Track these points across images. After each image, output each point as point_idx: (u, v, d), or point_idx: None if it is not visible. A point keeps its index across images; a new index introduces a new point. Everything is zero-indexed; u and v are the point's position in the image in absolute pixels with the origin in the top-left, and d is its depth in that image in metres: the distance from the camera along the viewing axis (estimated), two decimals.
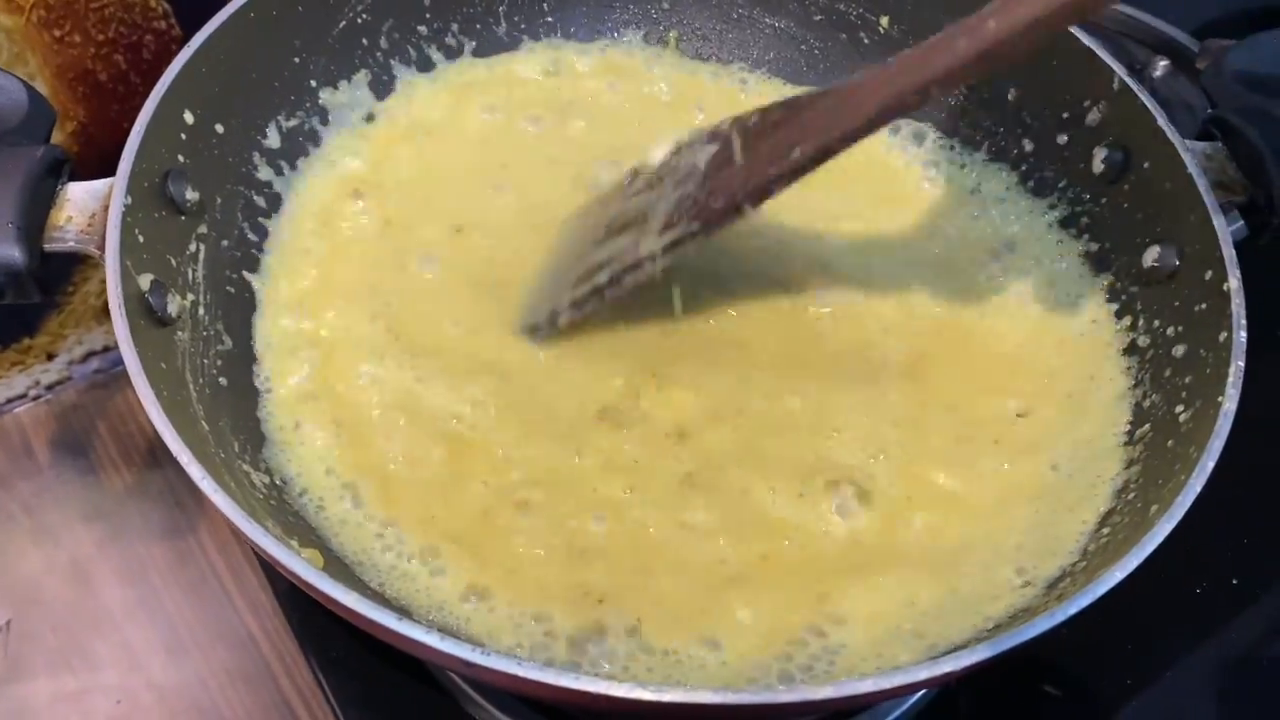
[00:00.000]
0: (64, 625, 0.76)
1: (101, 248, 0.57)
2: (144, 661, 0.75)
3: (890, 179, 0.79)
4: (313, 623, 0.70)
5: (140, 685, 0.74)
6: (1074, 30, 0.71)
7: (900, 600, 0.58)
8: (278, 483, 0.61)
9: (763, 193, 0.60)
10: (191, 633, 0.76)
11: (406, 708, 0.68)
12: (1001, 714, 0.70)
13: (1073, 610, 0.49)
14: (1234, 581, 0.74)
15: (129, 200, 0.58)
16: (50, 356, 0.87)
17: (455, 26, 0.81)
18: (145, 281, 0.58)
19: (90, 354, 0.88)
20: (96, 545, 0.80)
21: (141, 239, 0.59)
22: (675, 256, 0.62)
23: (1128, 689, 0.70)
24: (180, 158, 0.64)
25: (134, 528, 0.80)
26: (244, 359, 0.66)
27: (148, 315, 0.58)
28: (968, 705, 0.70)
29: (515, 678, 0.46)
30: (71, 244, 0.58)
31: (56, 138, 0.84)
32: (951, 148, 0.80)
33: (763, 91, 0.84)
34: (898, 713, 0.68)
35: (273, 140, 0.73)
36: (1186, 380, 0.61)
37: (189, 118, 0.65)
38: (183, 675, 0.74)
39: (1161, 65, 0.96)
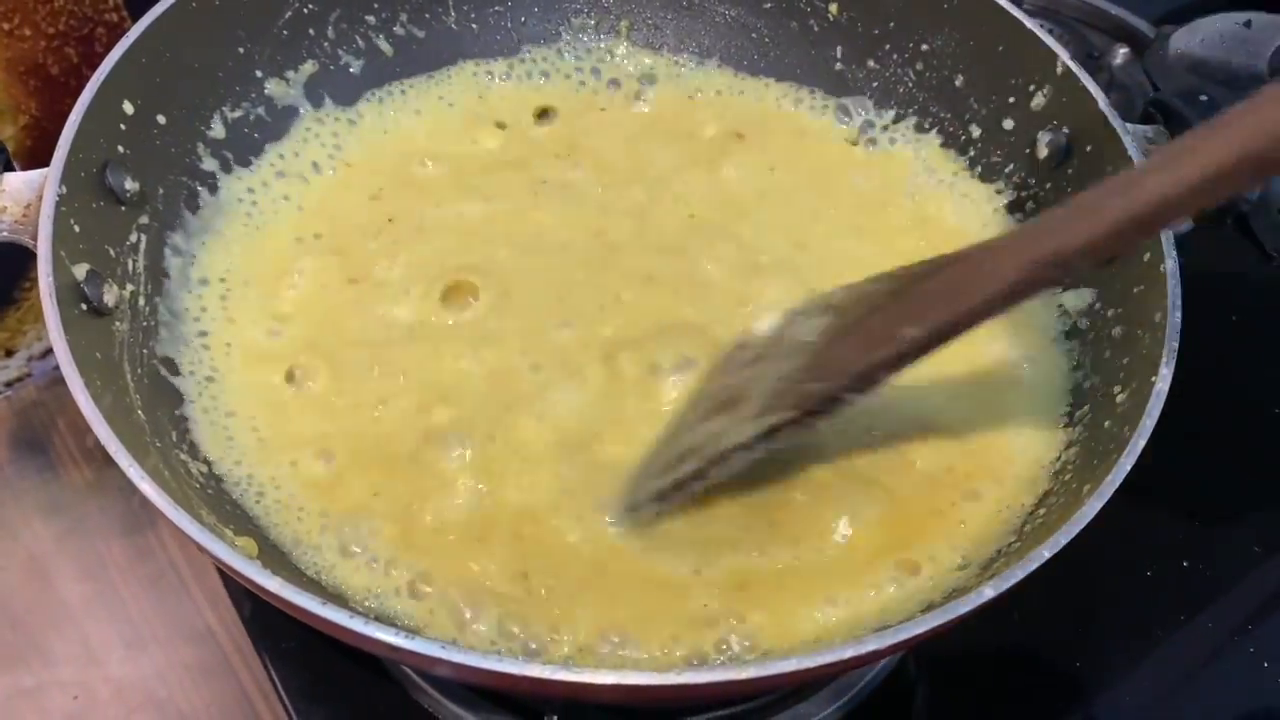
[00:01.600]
0: (21, 621, 0.76)
1: (36, 238, 0.57)
2: (102, 657, 0.74)
3: (838, 165, 0.79)
4: (263, 615, 0.71)
5: (98, 680, 0.73)
6: (1018, 14, 0.71)
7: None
8: (217, 472, 0.61)
9: (868, 380, 0.54)
10: (150, 627, 0.76)
11: (357, 698, 0.68)
12: (958, 700, 0.71)
13: (1004, 588, 0.49)
14: (1184, 564, 0.74)
15: (64, 190, 0.58)
16: (9, 353, 0.87)
17: (404, 16, 0.80)
18: (81, 271, 0.58)
19: (49, 350, 0.88)
20: (55, 541, 0.80)
21: (78, 229, 0.59)
22: (768, 447, 0.56)
23: (1080, 671, 0.70)
24: (120, 148, 0.64)
25: (93, 523, 0.80)
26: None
27: (83, 305, 0.58)
28: (925, 694, 0.70)
29: (440, 661, 0.46)
30: (6, 234, 0.58)
31: (8, 131, 0.84)
32: (900, 134, 0.80)
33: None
34: (852, 693, 0.68)
35: (218, 131, 0.72)
36: (1124, 361, 0.61)
37: (128, 108, 0.65)
38: (141, 670, 0.74)
39: (1121, 53, 0.96)
